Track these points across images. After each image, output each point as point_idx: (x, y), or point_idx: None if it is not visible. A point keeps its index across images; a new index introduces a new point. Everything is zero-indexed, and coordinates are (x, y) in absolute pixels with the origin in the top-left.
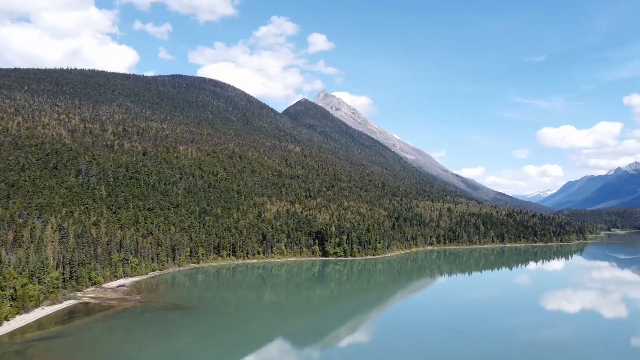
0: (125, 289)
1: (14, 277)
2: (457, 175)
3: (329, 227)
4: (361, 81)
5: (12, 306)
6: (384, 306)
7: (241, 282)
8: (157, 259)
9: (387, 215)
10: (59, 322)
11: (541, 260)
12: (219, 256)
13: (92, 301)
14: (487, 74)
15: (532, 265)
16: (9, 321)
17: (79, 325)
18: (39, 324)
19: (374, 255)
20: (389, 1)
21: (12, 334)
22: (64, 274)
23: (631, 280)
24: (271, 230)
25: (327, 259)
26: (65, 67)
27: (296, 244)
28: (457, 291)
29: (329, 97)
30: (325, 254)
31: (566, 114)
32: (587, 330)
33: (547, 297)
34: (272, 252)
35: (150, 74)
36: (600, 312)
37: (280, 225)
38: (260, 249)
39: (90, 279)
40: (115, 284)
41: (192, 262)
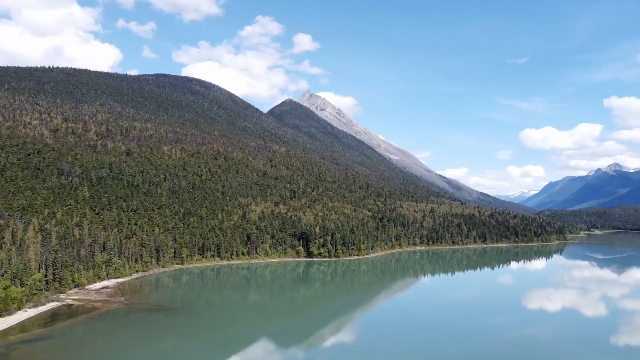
0: (108, 290)
1: None
2: (440, 175)
3: (314, 228)
4: (346, 82)
5: None
6: (368, 306)
7: (225, 283)
8: (141, 260)
9: (371, 216)
10: (42, 325)
11: (522, 260)
12: (203, 257)
13: (75, 303)
14: (471, 76)
15: (514, 265)
16: None
17: (63, 327)
18: (22, 326)
19: (358, 255)
20: (375, 3)
21: None
22: (46, 276)
23: (609, 279)
24: (256, 231)
25: (311, 259)
26: (47, 66)
27: (281, 245)
28: (440, 291)
29: (314, 98)
30: (309, 254)
31: (548, 116)
32: (568, 328)
33: (529, 297)
34: (256, 253)
35: (133, 73)
36: (579, 311)
37: (264, 226)
38: (244, 250)
39: (73, 281)
40: (98, 285)
41: (177, 263)
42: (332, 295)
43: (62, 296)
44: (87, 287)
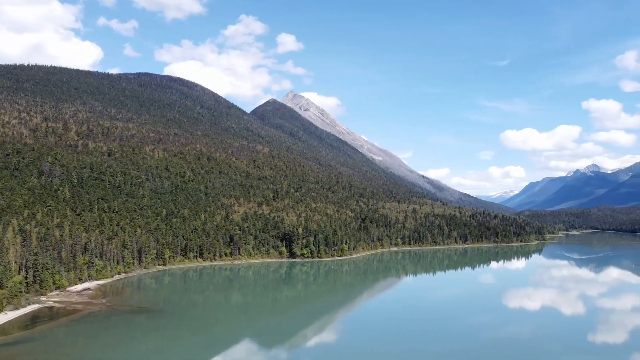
0: (90, 292)
1: None
2: (423, 176)
3: (297, 229)
4: (330, 82)
5: None
6: (350, 306)
7: (208, 284)
8: (123, 262)
9: (354, 216)
10: (23, 327)
11: (502, 260)
12: (186, 258)
13: (56, 305)
14: (454, 77)
15: (494, 265)
16: None
17: (44, 330)
18: (2, 329)
19: (340, 256)
20: (358, 3)
21: None
22: (27, 278)
23: (586, 278)
24: (239, 232)
25: (294, 260)
26: (26, 63)
27: (264, 246)
28: (422, 291)
29: (297, 98)
30: (292, 255)
31: (528, 117)
32: (547, 327)
33: (509, 296)
34: (239, 253)
35: (115, 71)
36: (558, 310)
37: (247, 226)
38: (227, 251)
39: (54, 283)
40: (80, 287)
41: (159, 265)
42: (315, 295)
43: (43, 298)
44: (68, 289)
